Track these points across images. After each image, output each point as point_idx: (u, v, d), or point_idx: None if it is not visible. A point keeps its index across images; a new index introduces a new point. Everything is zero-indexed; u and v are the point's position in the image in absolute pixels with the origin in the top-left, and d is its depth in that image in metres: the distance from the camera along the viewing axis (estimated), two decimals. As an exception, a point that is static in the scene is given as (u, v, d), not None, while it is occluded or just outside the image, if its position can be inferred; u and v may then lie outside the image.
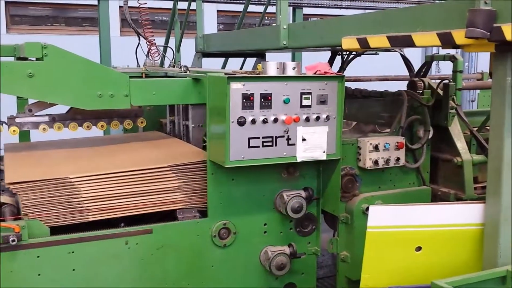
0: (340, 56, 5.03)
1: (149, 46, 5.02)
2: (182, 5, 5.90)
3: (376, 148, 3.75)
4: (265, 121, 3.27)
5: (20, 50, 3.72)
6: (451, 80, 4.35)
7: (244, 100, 3.22)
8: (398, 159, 3.85)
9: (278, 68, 3.38)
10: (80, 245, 3.15)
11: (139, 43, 4.99)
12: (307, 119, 3.38)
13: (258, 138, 3.29)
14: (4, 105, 5.06)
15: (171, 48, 5.55)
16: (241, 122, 3.23)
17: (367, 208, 3.60)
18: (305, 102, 3.36)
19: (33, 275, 3.09)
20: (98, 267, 3.23)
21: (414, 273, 3.13)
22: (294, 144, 3.38)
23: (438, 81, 4.28)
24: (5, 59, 3.87)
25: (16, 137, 4.51)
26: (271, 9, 5.90)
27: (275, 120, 3.30)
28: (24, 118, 3.84)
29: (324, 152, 3.45)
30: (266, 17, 6.18)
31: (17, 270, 3.05)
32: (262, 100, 3.26)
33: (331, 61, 5.01)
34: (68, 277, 3.16)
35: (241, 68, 6.07)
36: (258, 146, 3.30)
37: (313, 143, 3.42)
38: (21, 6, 11.53)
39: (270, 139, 3.33)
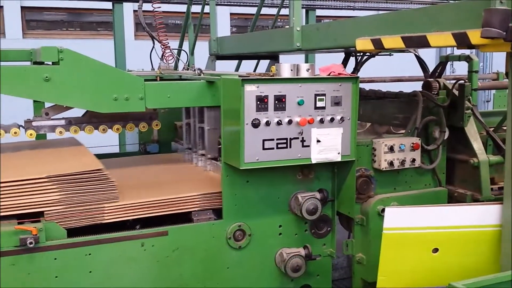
0: (353, 57, 5.01)
1: (163, 49, 5.05)
2: (196, 8, 5.93)
3: (391, 149, 3.73)
4: (279, 123, 3.28)
5: (36, 55, 3.77)
6: (467, 81, 4.32)
7: (258, 102, 3.23)
8: (413, 160, 3.82)
9: (292, 70, 3.38)
10: (97, 247, 3.18)
11: (153, 47, 5.03)
12: (322, 121, 3.37)
13: (273, 140, 3.30)
14: (21, 109, 5.13)
15: (185, 51, 5.58)
16: (256, 124, 3.23)
17: (383, 210, 3.59)
18: (319, 104, 3.36)
19: (50, 277, 3.11)
20: (115, 269, 3.25)
21: (431, 275, 3.11)
22: (308, 146, 3.38)
23: (454, 81, 4.25)
24: (22, 63, 3.93)
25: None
26: (283, 11, 5.92)
27: (290, 121, 3.30)
28: (40, 121, 3.87)
29: (338, 153, 3.44)
30: (279, 20, 6.19)
31: (34, 272, 3.08)
32: (276, 102, 3.27)
33: (344, 63, 5.00)
34: (85, 279, 3.18)
35: (254, 71, 6.07)
36: (273, 148, 3.30)
37: (327, 144, 3.41)
38: (37, 11, 11.67)
39: (285, 141, 3.33)
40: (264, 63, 6.00)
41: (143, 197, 3.40)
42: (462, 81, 4.18)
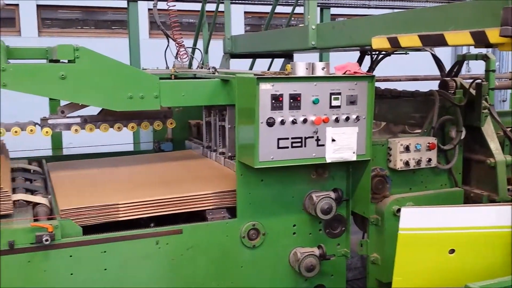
0: (369, 56, 4.98)
1: (178, 47, 5.05)
2: (210, 7, 5.93)
3: (407, 149, 3.70)
4: (294, 122, 3.26)
5: (52, 53, 3.79)
6: (484, 80, 4.27)
7: (273, 101, 3.22)
8: (429, 160, 3.79)
9: (307, 69, 3.36)
10: (112, 245, 3.19)
11: (168, 45, 5.03)
12: (337, 120, 3.35)
13: (287, 139, 3.28)
14: (37, 107, 5.17)
15: (199, 50, 5.59)
16: (270, 123, 3.22)
17: (398, 210, 3.56)
18: (334, 103, 3.34)
19: (65, 274, 3.13)
20: (130, 266, 3.26)
21: (447, 276, 3.08)
22: (323, 145, 3.36)
23: (470, 80, 4.21)
24: (38, 61, 3.96)
25: (48, 138, 4.62)
26: (297, 9, 5.90)
27: (305, 120, 3.29)
28: (56, 119, 3.90)
29: (354, 153, 3.42)
30: (292, 18, 6.17)
31: (50, 269, 3.09)
32: (291, 100, 3.25)
33: (360, 61, 4.97)
34: (100, 277, 3.19)
35: (268, 69, 6.07)
36: (287, 147, 3.29)
37: (342, 143, 3.39)
38: (52, 10, 11.76)
39: (299, 140, 3.31)
40: (278, 62, 5.99)
41: (157, 194, 3.41)
42: (479, 80, 4.13)
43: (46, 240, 3.00)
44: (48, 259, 3.08)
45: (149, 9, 11.06)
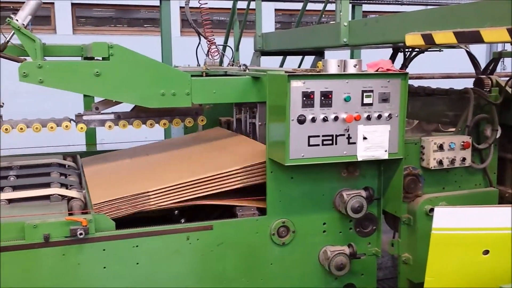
0: (402, 53, 4.91)
1: (209, 45, 5.08)
2: (241, 4, 5.94)
3: (440, 147, 3.64)
4: (325, 120, 3.25)
5: (87, 50, 3.86)
6: (521, 78, 4.16)
7: (304, 98, 3.21)
8: (464, 159, 3.72)
9: (339, 66, 3.34)
10: (144, 239, 3.24)
11: (199, 43, 5.07)
12: (369, 118, 3.32)
13: (318, 136, 3.27)
14: (72, 103, 5.28)
15: (230, 47, 5.60)
16: (301, 121, 3.21)
17: (431, 210, 3.51)
18: (366, 100, 3.31)
19: (99, 268, 3.20)
20: (161, 261, 3.30)
21: (480, 277, 3.02)
22: (354, 143, 3.33)
23: (507, 78, 4.11)
24: (73, 58, 4.04)
25: (82, 134, 4.71)
26: (328, 6, 5.85)
27: (336, 118, 3.27)
28: (91, 115, 3.97)
29: (385, 151, 3.38)
30: (322, 16, 6.13)
31: (84, 262, 3.16)
32: (323, 98, 3.24)
33: (392, 58, 4.90)
34: (132, 271, 3.25)
35: (299, 67, 6.04)
36: (318, 145, 3.28)
37: (374, 142, 3.36)
38: (86, 8, 11.96)
39: (330, 138, 3.30)
40: (308, 59, 5.96)
41: (185, 178, 3.44)
42: (516, 78, 4.03)
43: (80, 234, 3.07)
44: (82, 253, 3.15)
45: (181, 7, 11.15)
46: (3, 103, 3.80)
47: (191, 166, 3.73)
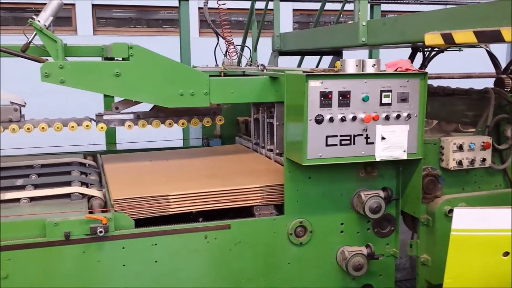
0: (421, 52, 4.88)
1: (227, 45, 5.10)
2: (259, 5, 5.95)
3: (460, 148, 3.61)
4: (343, 119, 3.24)
5: (107, 51, 3.92)
6: (543, 77, 4.10)
7: (322, 98, 3.20)
8: (484, 160, 3.68)
9: (357, 66, 3.32)
10: (162, 238, 3.27)
11: (217, 43, 5.09)
12: (387, 118, 3.30)
13: (336, 136, 3.26)
14: (92, 103, 5.34)
15: (248, 48, 5.62)
16: (319, 120, 3.21)
17: (450, 211, 3.48)
18: (385, 100, 3.29)
19: (118, 265, 3.23)
20: (179, 260, 3.33)
21: (500, 279, 2.98)
22: (373, 143, 3.32)
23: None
24: (94, 59, 4.09)
25: (102, 134, 4.77)
26: (347, 6, 5.84)
27: (354, 118, 3.26)
28: (111, 115, 4.02)
29: (404, 151, 3.37)
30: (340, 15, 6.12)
31: (103, 260, 3.20)
32: (341, 98, 3.23)
33: (412, 58, 4.87)
34: (151, 269, 3.28)
35: (317, 66, 6.03)
36: (336, 145, 3.27)
37: (393, 142, 3.34)
38: (106, 9, 12.08)
39: (348, 138, 3.29)
40: (326, 59, 5.95)
41: (207, 187, 3.47)
42: (538, 78, 3.98)
43: (100, 232, 3.11)
44: (102, 250, 3.19)
45: (199, 8, 11.19)
46: (25, 103, 3.87)
47: (210, 177, 3.77)
